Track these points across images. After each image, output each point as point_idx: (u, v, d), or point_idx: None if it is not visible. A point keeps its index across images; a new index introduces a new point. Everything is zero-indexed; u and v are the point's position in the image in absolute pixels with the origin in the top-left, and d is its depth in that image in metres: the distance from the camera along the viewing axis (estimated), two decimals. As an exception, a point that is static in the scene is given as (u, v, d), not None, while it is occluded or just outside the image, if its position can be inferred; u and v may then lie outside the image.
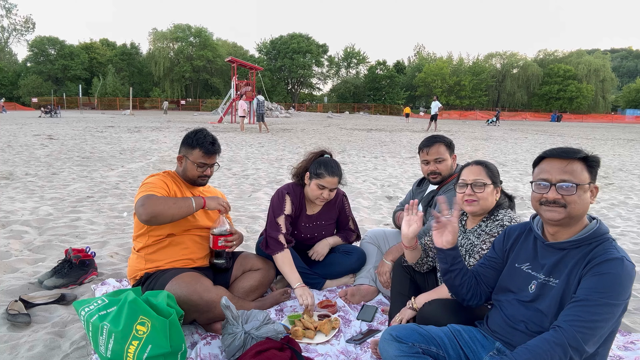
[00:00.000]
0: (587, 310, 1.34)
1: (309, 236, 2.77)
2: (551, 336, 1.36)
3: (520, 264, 1.62)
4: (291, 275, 2.49)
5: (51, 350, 1.98)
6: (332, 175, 2.53)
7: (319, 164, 2.56)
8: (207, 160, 2.34)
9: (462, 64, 62.86)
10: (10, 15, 57.97)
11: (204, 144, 2.31)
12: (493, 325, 1.67)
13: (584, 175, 1.45)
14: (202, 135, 2.34)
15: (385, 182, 6.85)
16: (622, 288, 1.35)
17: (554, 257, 1.52)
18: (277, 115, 34.53)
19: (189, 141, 2.34)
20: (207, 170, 2.37)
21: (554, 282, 1.50)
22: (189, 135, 2.36)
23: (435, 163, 2.48)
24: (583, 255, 1.44)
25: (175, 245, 2.29)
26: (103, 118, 27.53)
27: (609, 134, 23.27)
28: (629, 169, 9.22)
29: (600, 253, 1.41)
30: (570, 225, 1.49)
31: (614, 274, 1.35)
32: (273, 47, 61.98)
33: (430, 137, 2.55)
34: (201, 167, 2.34)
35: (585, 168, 1.45)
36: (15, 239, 3.55)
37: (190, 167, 2.33)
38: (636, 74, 79.95)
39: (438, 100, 23.01)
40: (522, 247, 1.64)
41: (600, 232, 1.46)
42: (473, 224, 1.99)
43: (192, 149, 2.32)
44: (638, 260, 3.48)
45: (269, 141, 13.66)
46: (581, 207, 1.45)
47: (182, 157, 2.37)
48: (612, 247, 1.42)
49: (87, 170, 7.30)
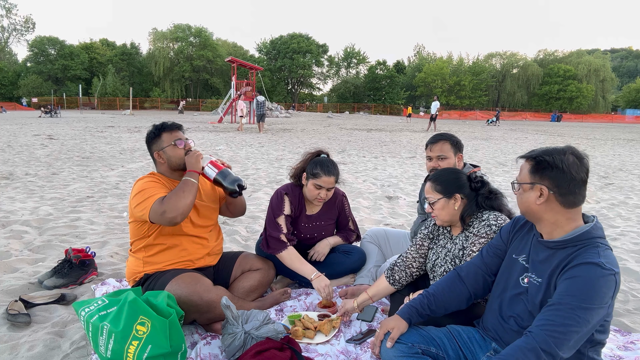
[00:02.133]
0: (559, 315, 1.33)
1: (309, 236, 2.76)
2: (523, 342, 1.36)
3: (517, 255, 1.63)
4: (304, 268, 2.49)
5: (51, 350, 1.98)
6: (329, 174, 2.53)
7: (315, 164, 2.56)
8: (179, 135, 2.33)
9: (462, 64, 62.84)
10: (10, 15, 57.89)
11: (165, 126, 2.33)
12: (487, 323, 1.68)
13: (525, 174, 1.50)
14: (160, 124, 2.35)
15: (385, 182, 6.85)
16: (596, 292, 1.32)
17: (542, 255, 1.52)
18: (277, 115, 34.52)
19: (153, 135, 2.33)
20: (187, 144, 2.33)
21: (536, 280, 1.51)
22: (149, 132, 2.36)
23: (437, 160, 2.49)
24: (565, 257, 1.44)
25: (173, 248, 2.27)
26: (103, 118, 27.53)
27: (609, 134, 23.27)
28: (629, 169, 9.22)
29: (579, 256, 1.40)
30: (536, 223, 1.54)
31: (586, 277, 1.34)
32: (273, 47, 61.95)
33: (437, 134, 2.57)
34: (179, 143, 2.30)
35: (529, 167, 1.49)
36: (15, 239, 3.55)
37: (171, 151, 2.29)
38: (636, 74, 79.96)
39: (438, 101, 23.02)
40: (522, 239, 1.65)
41: (590, 235, 1.43)
42: (457, 231, 2.02)
43: (159, 137, 2.31)
44: (638, 260, 3.48)
45: (269, 141, 13.66)
46: (523, 205, 1.52)
47: (157, 152, 2.32)
48: (594, 252, 1.39)
49: (87, 170, 7.30)
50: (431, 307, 1.71)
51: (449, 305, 1.73)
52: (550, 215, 1.47)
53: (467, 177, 1.99)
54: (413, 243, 2.19)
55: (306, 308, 2.46)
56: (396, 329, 1.65)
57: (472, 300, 1.75)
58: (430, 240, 2.15)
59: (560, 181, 1.43)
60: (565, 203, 1.45)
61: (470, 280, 1.73)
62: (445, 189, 1.94)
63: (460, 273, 1.76)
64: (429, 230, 2.16)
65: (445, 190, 1.93)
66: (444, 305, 1.72)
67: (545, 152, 1.46)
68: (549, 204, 1.46)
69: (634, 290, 2.90)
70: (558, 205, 1.45)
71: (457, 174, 1.99)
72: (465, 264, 1.78)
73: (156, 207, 2.03)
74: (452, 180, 1.96)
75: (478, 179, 1.99)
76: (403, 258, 2.18)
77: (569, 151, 1.45)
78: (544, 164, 1.44)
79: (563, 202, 1.45)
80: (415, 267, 2.15)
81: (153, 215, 2.04)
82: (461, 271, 1.76)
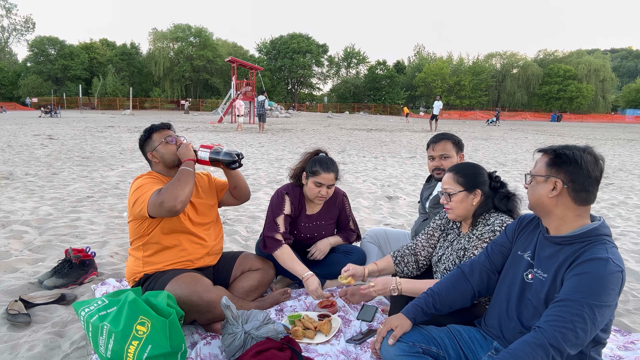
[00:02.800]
0: (567, 311, 1.33)
1: (309, 236, 2.76)
2: (531, 337, 1.35)
3: (522, 252, 1.62)
4: (297, 267, 2.48)
5: (51, 350, 1.98)
6: (328, 171, 2.54)
7: (314, 162, 2.58)
8: (168, 133, 2.36)
9: (462, 64, 62.84)
10: (10, 15, 57.99)
11: (154, 127, 2.37)
12: (489, 320, 1.68)
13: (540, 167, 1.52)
14: (149, 126, 2.39)
15: (385, 182, 6.85)
16: (604, 289, 1.32)
17: (548, 251, 1.52)
18: (277, 115, 34.52)
19: (144, 137, 2.37)
20: (178, 140, 2.36)
21: (542, 275, 1.50)
22: (140, 136, 2.39)
23: (440, 159, 2.51)
24: (572, 253, 1.44)
25: (173, 248, 2.27)
26: (103, 118, 27.53)
27: (609, 134, 23.27)
28: (629, 169, 9.22)
29: (587, 252, 1.40)
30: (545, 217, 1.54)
31: (595, 273, 1.34)
32: (273, 47, 61.94)
33: (439, 133, 2.59)
34: (170, 141, 2.33)
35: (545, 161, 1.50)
36: (15, 239, 3.55)
37: (163, 148, 2.31)
38: (636, 74, 79.95)
39: (441, 100, 22.97)
40: (528, 236, 1.64)
41: (597, 232, 1.44)
42: (466, 228, 2.00)
43: (150, 138, 2.35)
44: (638, 260, 3.48)
45: (269, 141, 13.66)
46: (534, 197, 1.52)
47: (150, 153, 2.35)
48: (602, 248, 1.39)
49: (87, 170, 7.30)
50: (436, 305, 1.70)
51: (453, 303, 1.72)
52: (560, 210, 1.47)
53: (488, 175, 1.98)
54: (424, 232, 2.20)
55: (306, 308, 2.46)
56: (399, 327, 1.64)
57: (476, 298, 1.74)
58: (441, 232, 2.14)
59: (576, 176, 1.44)
60: (577, 199, 1.46)
61: (475, 278, 1.72)
62: (468, 182, 1.91)
63: (464, 270, 1.75)
64: (442, 222, 2.15)
65: (468, 184, 1.91)
66: (448, 304, 1.71)
67: (565, 147, 1.47)
68: (560, 199, 1.46)
69: (634, 290, 2.90)
70: (569, 200, 1.46)
71: (480, 170, 1.97)
72: (469, 262, 1.77)
73: (154, 199, 2.03)
74: (475, 175, 1.94)
75: (498, 179, 1.99)
76: (412, 244, 2.20)
77: (587, 150, 1.47)
78: (563, 158, 1.45)
79: (575, 198, 1.45)
80: (423, 255, 2.16)
81: (152, 207, 2.04)
82: (465, 269, 1.76)
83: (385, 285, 1.91)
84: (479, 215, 1.92)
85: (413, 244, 2.21)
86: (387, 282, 1.91)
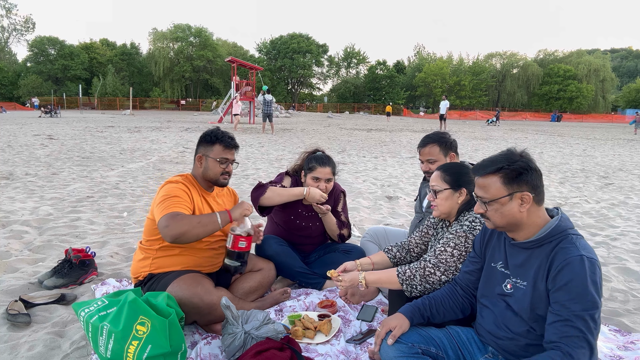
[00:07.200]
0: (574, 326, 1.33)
1: (304, 224, 2.82)
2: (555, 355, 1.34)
3: (495, 263, 1.64)
4: (294, 191, 2.63)
5: (51, 350, 1.98)
6: (324, 165, 2.68)
7: (311, 159, 2.74)
8: (229, 155, 2.32)
9: (462, 64, 62.84)
10: (10, 15, 57.95)
11: (223, 139, 2.31)
12: (480, 330, 1.68)
13: (497, 188, 1.46)
14: (220, 132, 2.34)
15: (385, 182, 6.85)
16: (594, 288, 1.34)
17: (520, 257, 1.53)
18: (277, 115, 34.48)
19: (208, 139, 2.33)
20: (229, 167, 2.33)
21: (521, 284, 1.51)
22: (206, 133, 2.35)
23: (428, 163, 2.51)
24: (546, 255, 1.45)
25: (185, 256, 2.24)
26: (103, 118, 27.53)
27: (609, 134, 23.27)
28: (629, 169, 9.22)
29: (559, 254, 1.41)
30: (516, 230, 1.52)
31: (578, 279, 1.35)
32: (273, 47, 61.93)
33: (426, 136, 2.56)
34: (223, 163, 2.30)
35: (501, 180, 1.46)
36: (15, 239, 3.55)
37: (212, 164, 2.29)
38: (636, 74, 79.91)
39: (447, 100, 22.94)
40: (496, 245, 1.66)
41: (560, 228, 1.45)
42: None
43: (212, 145, 2.30)
44: (638, 260, 3.48)
45: (269, 141, 13.66)
46: (506, 218, 1.48)
47: (201, 156, 2.32)
48: (571, 246, 1.40)
49: (87, 170, 7.30)
50: (432, 310, 1.72)
51: (447, 312, 1.74)
52: (531, 218, 1.48)
53: None
54: (419, 229, 2.25)
55: (306, 308, 2.46)
56: (398, 327, 1.65)
57: (468, 311, 1.77)
58: (434, 230, 2.19)
59: (536, 181, 1.46)
60: (539, 201, 1.48)
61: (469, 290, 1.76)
62: (454, 181, 1.96)
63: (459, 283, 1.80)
64: (435, 220, 2.20)
65: (454, 182, 1.96)
66: (443, 311, 1.74)
67: (508, 161, 1.46)
68: (530, 208, 1.47)
69: (634, 290, 2.90)
70: (535, 205, 1.47)
71: (467, 169, 2.01)
72: (461, 275, 1.81)
73: (165, 220, 2.01)
74: (461, 174, 1.98)
75: None
76: (406, 241, 2.26)
77: (517, 152, 1.49)
78: (518, 171, 1.44)
79: (538, 200, 1.48)
80: (416, 252, 2.23)
81: (160, 223, 2.03)
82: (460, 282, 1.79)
83: (352, 281, 1.97)
84: (460, 212, 1.98)
85: (407, 241, 2.27)
86: (354, 277, 1.97)
